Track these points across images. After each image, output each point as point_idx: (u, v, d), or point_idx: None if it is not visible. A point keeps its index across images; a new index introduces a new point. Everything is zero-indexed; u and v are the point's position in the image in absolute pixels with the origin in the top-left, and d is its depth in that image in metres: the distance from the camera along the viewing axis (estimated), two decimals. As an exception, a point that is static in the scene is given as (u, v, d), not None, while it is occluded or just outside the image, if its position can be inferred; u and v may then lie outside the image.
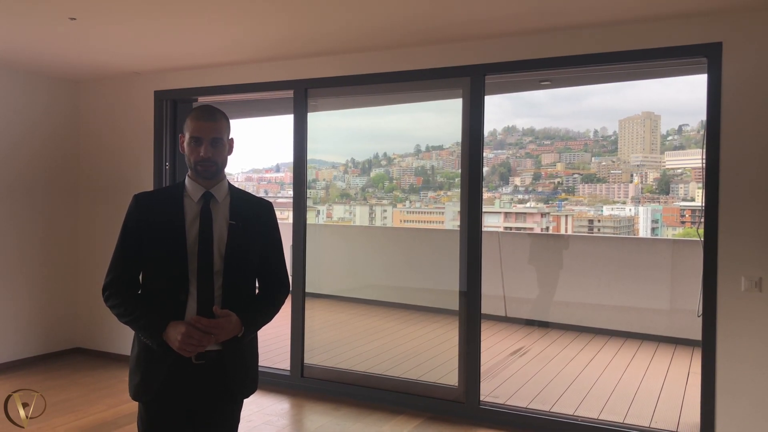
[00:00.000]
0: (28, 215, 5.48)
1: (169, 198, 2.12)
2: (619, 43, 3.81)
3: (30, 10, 3.63)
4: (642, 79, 4.85)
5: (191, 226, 2.07)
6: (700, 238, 3.74)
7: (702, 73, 3.80)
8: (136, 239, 2.07)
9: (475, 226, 4.28)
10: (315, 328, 5.04)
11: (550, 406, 4.40)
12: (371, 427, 4.14)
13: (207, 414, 2.13)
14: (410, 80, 4.45)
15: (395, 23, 3.84)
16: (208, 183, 2.12)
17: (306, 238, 4.89)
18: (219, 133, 2.08)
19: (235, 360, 2.11)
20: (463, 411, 4.28)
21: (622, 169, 7.86)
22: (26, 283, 5.45)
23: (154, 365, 2.04)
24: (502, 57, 4.14)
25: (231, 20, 3.83)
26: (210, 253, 2.06)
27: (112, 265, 2.10)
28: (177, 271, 2.03)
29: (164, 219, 2.07)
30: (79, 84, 5.83)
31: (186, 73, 5.26)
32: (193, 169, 2.09)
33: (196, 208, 2.09)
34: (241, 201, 2.18)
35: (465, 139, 4.32)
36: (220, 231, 2.09)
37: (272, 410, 4.44)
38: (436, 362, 4.82)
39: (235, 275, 2.10)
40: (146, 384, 2.05)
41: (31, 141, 5.49)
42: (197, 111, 2.11)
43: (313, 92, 4.85)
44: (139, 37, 4.23)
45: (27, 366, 5.39)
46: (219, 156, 2.09)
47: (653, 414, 4.37)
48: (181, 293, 2.03)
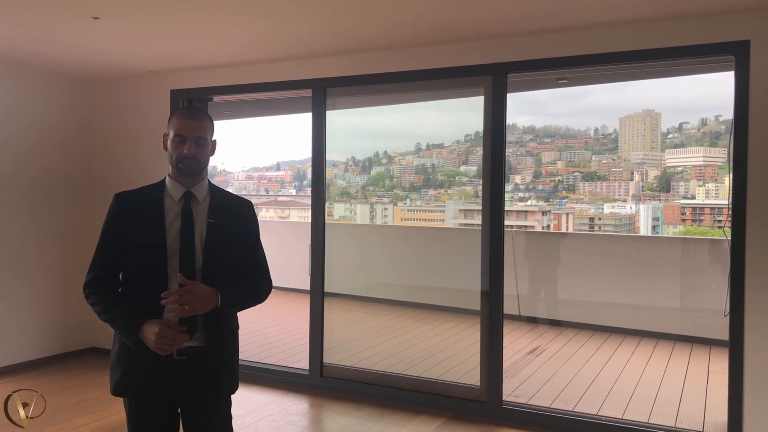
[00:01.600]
0: (46, 215, 5.47)
1: (149, 197, 2.14)
2: (644, 41, 3.79)
3: (55, 8, 3.61)
4: (664, 77, 4.83)
5: (171, 225, 2.10)
6: (726, 237, 3.72)
7: (725, 70, 3.79)
8: (117, 238, 2.10)
9: (497, 225, 4.26)
10: (332, 327, 5.03)
11: (573, 406, 4.39)
12: (393, 426, 4.12)
13: (195, 409, 2.16)
14: (431, 79, 4.43)
15: (415, 21, 3.82)
16: (189, 182, 2.15)
17: (325, 237, 4.87)
18: (203, 132, 2.12)
19: (218, 355, 2.14)
20: (486, 410, 4.26)
21: (622, 167, 7.85)
22: (44, 283, 5.44)
23: (135, 361, 2.07)
24: (524, 55, 4.12)
25: (249, 19, 3.81)
26: (191, 252, 2.09)
27: (93, 264, 2.13)
28: (157, 269, 2.06)
29: (145, 218, 2.09)
30: (95, 83, 5.81)
31: (202, 72, 5.24)
32: (175, 166, 2.12)
33: (176, 207, 2.13)
34: (221, 200, 2.21)
35: (487, 138, 4.30)
36: (200, 230, 2.12)
37: (294, 410, 4.42)
38: (455, 361, 4.80)
39: (215, 274, 2.12)
40: (127, 380, 2.09)
41: (47, 140, 5.48)
42: (183, 110, 2.16)
43: (331, 91, 4.83)
44: (157, 35, 4.21)
45: (44, 366, 5.38)
46: (202, 154, 2.13)
47: (677, 413, 4.35)
48: (161, 291, 2.04)
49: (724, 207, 7.51)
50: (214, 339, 2.12)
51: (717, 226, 7.22)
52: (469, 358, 4.57)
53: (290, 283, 9.18)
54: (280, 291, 9.37)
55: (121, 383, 2.10)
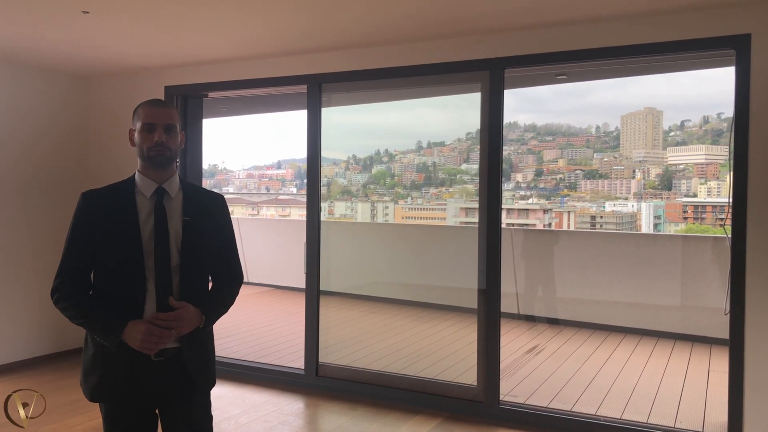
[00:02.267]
0: (40, 213, 5.42)
1: (119, 194, 2.08)
2: (643, 35, 3.72)
3: (43, 2, 3.55)
4: (664, 72, 4.77)
5: (145, 223, 2.04)
6: (727, 234, 3.66)
7: (726, 65, 3.73)
8: (87, 239, 2.03)
9: (494, 223, 4.20)
10: (328, 326, 4.97)
11: (570, 406, 4.34)
12: (389, 427, 4.07)
13: (173, 408, 2.12)
14: (428, 74, 4.37)
15: (411, 15, 3.76)
16: (160, 177, 2.09)
17: (320, 235, 4.82)
18: (172, 119, 2.08)
19: (195, 353, 2.11)
20: (483, 410, 4.21)
21: (624, 165, 7.82)
22: (38, 282, 5.39)
23: (112, 365, 2.01)
24: (521, 50, 4.06)
25: (243, 14, 3.75)
26: (167, 250, 2.04)
27: (62, 267, 2.05)
28: (133, 269, 2.00)
29: (116, 216, 2.03)
30: (88, 80, 5.76)
31: (197, 68, 5.19)
32: (146, 157, 2.06)
33: (149, 204, 2.07)
34: (193, 196, 2.17)
35: (484, 134, 4.24)
36: (175, 227, 2.07)
37: (288, 410, 4.37)
38: (451, 361, 4.75)
39: (192, 271, 2.09)
40: (106, 385, 2.03)
41: (41, 138, 5.43)
42: (149, 101, 2.11)
43: (326, 87, 4.77)
44: (151, 31, 4.16)
45: (38, 365, 5.33)
46: (173, 142, 2.07)
47: (677, 413, 4.30)
48: (138, 292, 2.00)
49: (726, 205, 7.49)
50: (188, 339, 2.07)
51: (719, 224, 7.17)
52: (466, 358, 4.52)
53: (290, 281, 9.14)
54: (279, 289, 9.33)
55: (99, 388, 2.04)
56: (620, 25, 3.78)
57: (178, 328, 1.99)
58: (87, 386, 2.07)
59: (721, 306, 3.72)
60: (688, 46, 3.63)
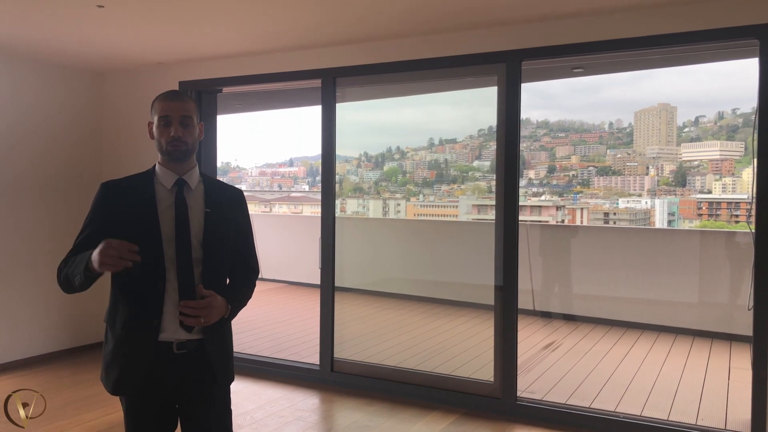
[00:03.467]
0: (56, 211, 5.44)
1: (139, 185, 2.06)
2: (663, 25, 3.65)
3: (58, -3, 3.56)
4: (683, 64, 4.69)
5: (165, 213, 2.03)
6: (751, 229, 3.58)
7: (748, 57, 3.66)
8: (102, 228, 2.00)
9: (511, 218, 4.15)
10: (343, 322, 4.95)
11: (589, 402, 4.28)
12: (405, 423, 4.04)
13: (193, 401, 2.10)
14: (444, 67, 4.33)
15: (426, 7, 3.72)
16: (180, 169, 2.07)
17: (335, 232, 4.79)
18: (188, 112, 2.05)
19: (216, 346, 2.09)
20: (500, 407, 4.17)
21: (637, 162, 7.74)
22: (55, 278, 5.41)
23: (133, 358, 2.00)
24: (539, 42, 4.00)
25: (257, 8, 3.73)
26: (188, 241, 2.02)
27: (70, 251, 2.03)
28: (152, 260, 1.97)
29: (136, 206, 2.02)
30: (103, 75, 5.78)
31: (211, 63, 5.17)
32: (164, 151, 2.04)
33: (169, 195, 2.05)
34: (214, 188, 2.16)
35: (500, 129, 4.18)
36: (196, 219, 2.06)
37: (303, 405, 4.36)
38: (467, 357, 4.71)
39: (214, 263, 2.07)
40: (127, 378, 2.01)
41: (54, 134, 5.45)
42: (164, 93, 2.09)
43: (341, 81, 4.74)
44: (164, 25, 4.15)
45: (56, 359, 5.36)
46: (189, 136, 2.05)
47: (698, 411, 4.23)
48: (157, 282, 1.98)
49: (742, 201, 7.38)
50: (211, 330, 2.06)
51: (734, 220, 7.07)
52: (482, 354, 4.48)
53: (302, 277, 9.15)
54: (291, 285, 9.34)
55: (120, 382, 2.02)
56: (640, 16, 3.71)
57: (207, 317, 1.97)
58: (108, 380, 2.05)
59: (741, 301, 3.65)
60: (710, 36, 3.55)
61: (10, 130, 5.12)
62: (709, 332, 6.07)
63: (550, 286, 7.12)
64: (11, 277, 5.14)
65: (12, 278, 5.15)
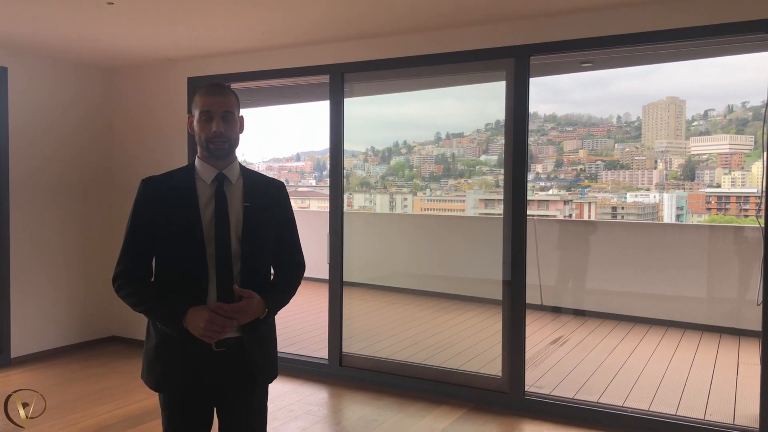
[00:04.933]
0: (66, 207, 5.48)
1: (179, 181, 2.04)
2: (672, 19, 3.64)
3: (68, -6, 3.58)
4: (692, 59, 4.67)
5: (205, 208, 2.01)
6: (760, 225, 3.57)
7: (759, 51, 3.64)
8: (148, 226, 2.00)
9: (519, 213, 4.15)
10: (351, 317, 4.98)
11: (597, 397, 4.29)
12: (413, 417, 4.07)
13: (231, 401, 2.08)
14: (452, 62, 4.32)
15: (434, 2, 3.71)
16: (220, 164, 2.05)
17: (343, 226, 4.81)
18: (230, 106, 2.02)
19: (255, 345, 2.06)
20: (508, 401, 4.18)
21: (646, 156, 7.70)
22: (65, 274, 5.47)
23: (175, 355, 1.99)
24: (547, 37, 3.99)
25: (265, 4, 3.74)
26: (227, 236, 2.00)
27: (123, 254, 2.03)
28: (195, 255, 1.97)
29: (177, 203, 2.00)
30: (111, 71, 5.81)
31: (220, 59, 5.19)
32: (205, 147, 2.02)
33: (209, 190, 2.02)
34: (254, 182, 2.12)
35: (508, 124, 4.18)
36: (236, 214, 2.03)
37: (312, 399, 4.39)
38: (475, 351, 4.73)
39: (253, 259, 2.04)
40: (169, 375, 2.00)
41: (67, 131, 5.48)
42: (206, 87, 2.05)
43: (349, 77, 4.75)
44: (174, 22, 4.17)
45: (66, 354, 5.42)
46: (231, 131, 2.03)
47: (706, 405, 4.23)
48: (200, 279, 1.97)
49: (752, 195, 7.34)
50: (249, 328, 2.03)
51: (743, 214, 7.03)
52: (490, 348, 4.49)
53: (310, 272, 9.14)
54: (300, 280, 9.36)
55: (163, 378, 2.01)
56: (649, 10, 3.69)
57: (240, 319, 1.95)
58: (150, 377, 2.04)
59: (750, 296, 3.65)
60: (718, 30, 3.53)
61: (25, 127, 5.16)
62: (718, 327, 6.06)
63: (558, 281, 7.12)
64: (23, 274, 5.18)
65: (24, 274, 5.19)
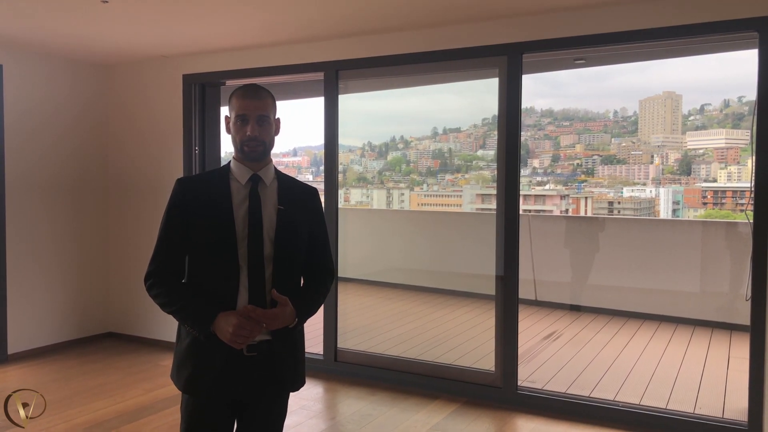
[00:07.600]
0: (61, 205, 5.49)
1: (214, 181, 2.05)
2: (663, 18, 3.67)
3: (63, -7, 3.59)
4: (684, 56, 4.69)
5: (239, 208, 2.00)
6: (749, 220, 3.62)
7: (748, 48, 3.67)
8: (181, 225, 2.00)
9: (512, 209, 4.19)
10: (347, 312, 5.01)
11: (589, 392, 4.34)
12: (407, 411, 4.11)
13: (254, 406, 2.07)
14: (445, 60, 4.35)
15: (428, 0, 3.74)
16: (255, 165, 2.05)
17: (338, 222, 4.84)
18: (265, 110, 2.01)
19: (286, 351, 2.04)
20: (501, 396, 4.23)
21: (642, 150, 7.72)
22: (61, 270, 5.49)
23: (206, 358, 1.97)
24: (539, 35, 4.02)
25: (260, 2, 3.76)
26: (260, 238, 1.99)
27: (156, 253, 2.02)
28: (227, 256, 1.96)
29: (211, 202, 1.99)
30: (107, 68, 5.81)
31: (215, 56, 5.21)
32: (240, 150, 2.02)
33: (243, 190, 2.02)
34: (288, 186, 2.12)
35: (501, 120, 4.22)
36: (269, 215, 2.02)
37: (307, 394, 4.43)
38: (469, 346, 4.77)
39: (285, 261, 2.03)
40: (199, 377, 1.98)
41: (62, 128, 5.49)
42: (242, 89, 2.04)
43: (343, 74, 4.77)
44: (168, 19, 4.18)
45: (63, 350, 5.44)
46: (266, 135, 2.03)
47: (696, 399, 4.28)
48: (232, 279, 1.96)
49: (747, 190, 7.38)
50: (279, 332, 2.01)
51: (739, 209, 7.08)
52: (484, 344, 4.53)
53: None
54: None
55: (192, 380, 2.00)
56: (640, 8, 3.73)
57: (270, 325, 1.95)
58: (180, 378, 2.03)
59: (742, 292, 3.69)
60: (709, 28, 3.57)
61: (21, 124, 5.17)
62: (710, 322, 6.11)
63: (552, 276, 7.17)
64: (19, 270, 5.20)
65: (20, 271, 5.21)
